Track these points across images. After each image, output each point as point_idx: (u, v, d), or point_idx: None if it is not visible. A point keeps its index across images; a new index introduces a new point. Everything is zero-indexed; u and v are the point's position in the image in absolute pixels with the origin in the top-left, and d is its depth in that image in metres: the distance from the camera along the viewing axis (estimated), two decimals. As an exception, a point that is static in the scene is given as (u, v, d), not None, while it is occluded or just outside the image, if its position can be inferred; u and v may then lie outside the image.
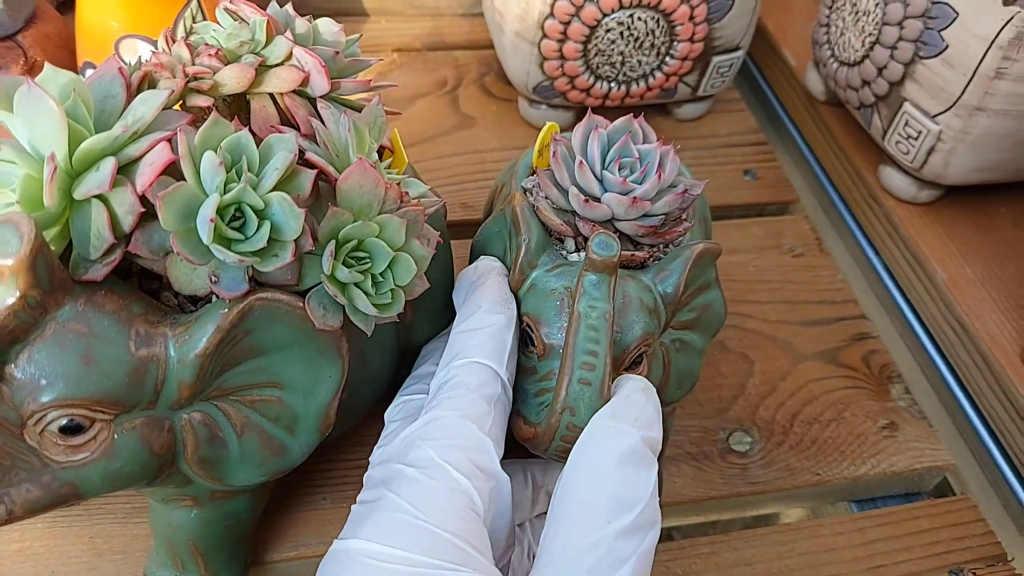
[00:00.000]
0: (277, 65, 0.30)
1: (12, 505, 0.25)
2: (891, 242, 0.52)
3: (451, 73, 0.60)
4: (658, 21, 0.49)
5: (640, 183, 0.32)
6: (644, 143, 0.34)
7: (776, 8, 0.66)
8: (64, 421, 0.24)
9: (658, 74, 0.52)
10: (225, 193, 0.25)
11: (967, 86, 0.45)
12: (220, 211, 0.25)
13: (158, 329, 0.26)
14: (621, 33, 0.49)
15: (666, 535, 0.39)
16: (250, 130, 0.27)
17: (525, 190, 0.34)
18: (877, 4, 0.49)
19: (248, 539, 0.34)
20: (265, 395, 0.29)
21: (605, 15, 0.48)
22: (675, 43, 0.51)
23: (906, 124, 0.49)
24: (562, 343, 0.29)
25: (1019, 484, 0.43)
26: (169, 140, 0.26)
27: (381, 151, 0.32)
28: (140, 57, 0.29)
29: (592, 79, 0.52)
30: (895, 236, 0.52)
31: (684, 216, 0.34)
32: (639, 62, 0.51)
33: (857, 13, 0.51)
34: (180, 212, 0.25)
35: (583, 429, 0.28)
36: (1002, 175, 0.49)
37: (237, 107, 0.31)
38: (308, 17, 0.33)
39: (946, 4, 0.45)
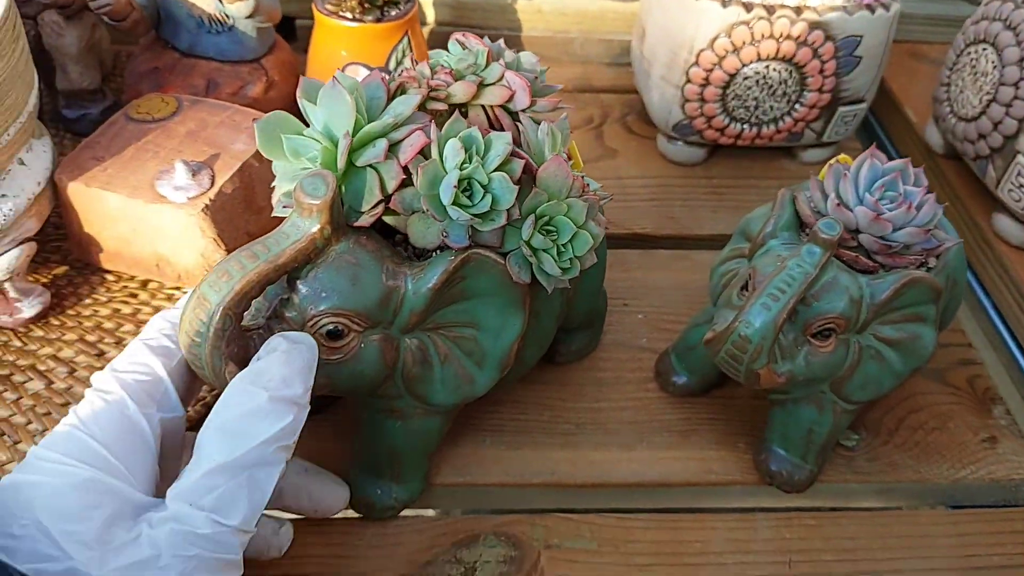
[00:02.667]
0: (492, 84, 0.39)
1: None
2: (1001, 283, 0.56)
3: (597, 112, 0.69)
4: (791, 72, 0.56)
5: (891, 210, 0.38)
6: (913, 186, 0.40)
7: (900, 72, 0.72)
8: (331, 327, 0.33)
9: (787, 119, 0.59)
10: (462, 170, 0.33)
11: (1078, 140, 0.49)
12: (459, 184, 0.33)
13: (401, 268, 0.34)
14: (757, 81, 0.56)
15: (774, 510, 0.44)
16: None
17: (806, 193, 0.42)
18: (995, 66, 0.54)
19: (431, 458, 0.42)
20: (464, 333, 0.37)
21: (744, 65, 0.56)
22: (805, 92, 0.58)
23: (1018, 174, 0.53)
24: None
25: (1116, 504, 0.45)
26: (421, 130, 0.34)
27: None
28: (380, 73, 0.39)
29: (727, 120, 0.59)
30: (1005, 278, 0.56)
31: (928, 262, 0.40)
32: (771, 107, 0.58)
33: (976, 74, 0.56)
34: (430, 181, 0.33)
35: (753, 343, 0.35)
36: (1112, 226, 0.53)
37: (460, 114, 0.40)
38: (515, 50, 0.41)
39: (1061, 67, 0.50)
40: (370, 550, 0.40)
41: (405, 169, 0.34)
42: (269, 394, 0.30)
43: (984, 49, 0.56)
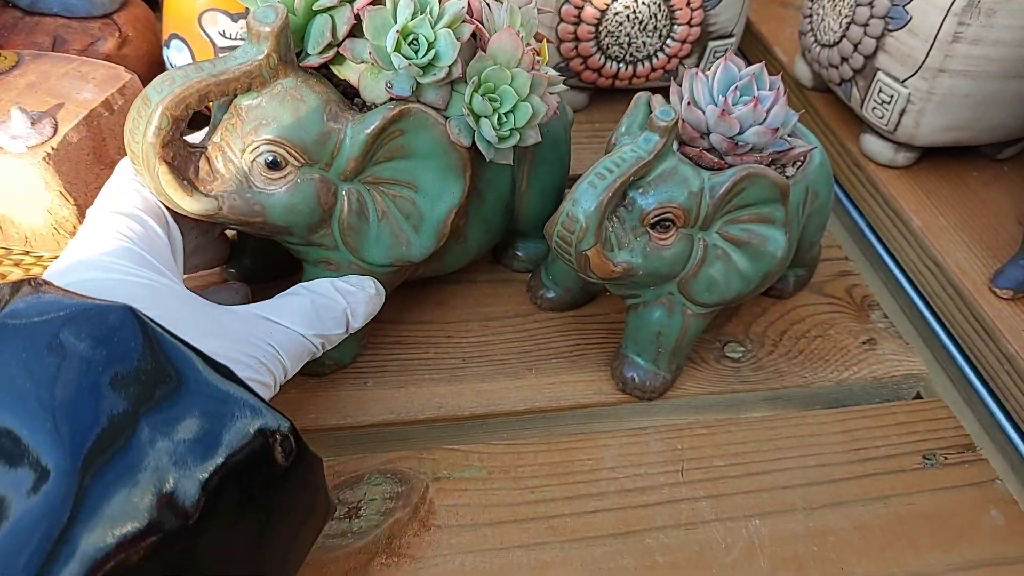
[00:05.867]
0: None
1: (223, 204, 0.34)
2: (872, 201, 0.58)
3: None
4: (659, 6, 0.57)
5: (740, 109, 0.38)
6: (768, 90, 0.39)
7: (769, 17, 0.74)
8: (270, 157, 0.34)
9: (661, 55, 0.60)
10: (409, 21, 0.34)
11: (929, 51, 0.51)
12: (403, 33, 0.34)
13: (344, 114, 0.35)
14: (628, 16, 0.57)
15: (666, 425, 0.44)
16: None
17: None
18: (851, -10, 0.56)
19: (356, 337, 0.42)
20: (403, 193, 0.37)
21: (614, 0, 0.56)
22: (675, 26, 0.58)
23: (880, 91, 0.55)
24: None
25: (985, 391, 0.47)
26: None
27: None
28: (224, 30, 0.38)
29: (603, 59, 0.59)
30: (876, 195, 0.58)
31: (787, 171, 0.40)
32: (644, 43, 0.58)
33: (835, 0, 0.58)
34: (377, 28, 0.34)
35: (579, 221, 0.35)
36: (970, 135, 0.55)
37: None
38: None
39: (909, -17, 0.52)
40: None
41: (357, 16, 0.34)
42: (344, 308, 0.37)
43: (840, -24, 0.57)
